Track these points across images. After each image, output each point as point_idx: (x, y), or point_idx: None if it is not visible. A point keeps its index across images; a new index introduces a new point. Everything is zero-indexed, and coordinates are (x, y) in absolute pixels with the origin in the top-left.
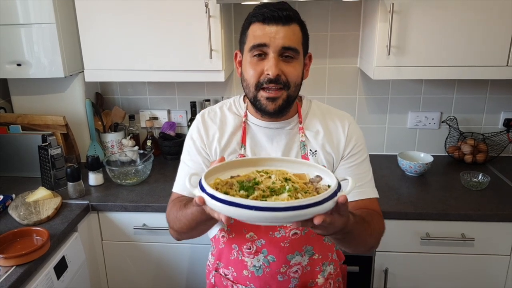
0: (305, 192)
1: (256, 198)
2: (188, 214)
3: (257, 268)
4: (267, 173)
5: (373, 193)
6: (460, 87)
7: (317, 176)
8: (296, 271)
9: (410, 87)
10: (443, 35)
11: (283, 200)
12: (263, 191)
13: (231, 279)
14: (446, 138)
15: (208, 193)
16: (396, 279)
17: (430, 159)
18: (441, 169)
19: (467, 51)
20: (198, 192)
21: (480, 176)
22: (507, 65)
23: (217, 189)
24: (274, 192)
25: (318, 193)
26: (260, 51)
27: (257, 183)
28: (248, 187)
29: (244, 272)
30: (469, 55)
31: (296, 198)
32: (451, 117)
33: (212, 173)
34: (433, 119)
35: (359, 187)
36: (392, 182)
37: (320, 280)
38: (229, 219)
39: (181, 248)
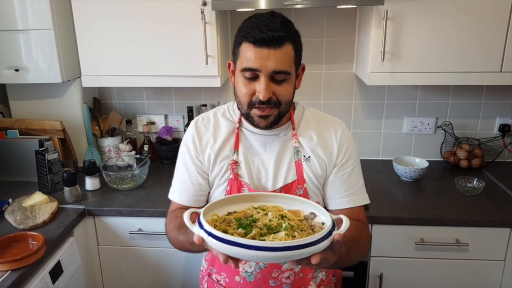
0: (301, 230)
1: (254, 237)
2: (180, 241)
3: (249, 274)
4: (263, 209)
5: (364, 200)
6: (455, 92)
7: (311, 213)
8: (288, 276)
9: (405, 92)
10: (437, 41)
11: (280, 239)
12: (261, 229)
13: (224, 284)
14: (442, 143)
15: (208, 231)
16: (390, 284)
17: (426, 164)
18: (436, 174)
19: (461, 57)
20: (197, 230)
21: (475, 181)
22: (500, 71)
23: (215, 226)
24: (271, 230)
25: (313, 230)
26: (252, 74)
27: (254, 221)
28: (246, 224)
29: (236, 278)
30: (463, 61)
31: (293, 236)
32: (447, 123)
33: (209, 209)
34: (428, 124)
35: (350, 195)
36: (387, 187)
37: (312, 286)
38: (227, 258)
39: (176, 253)
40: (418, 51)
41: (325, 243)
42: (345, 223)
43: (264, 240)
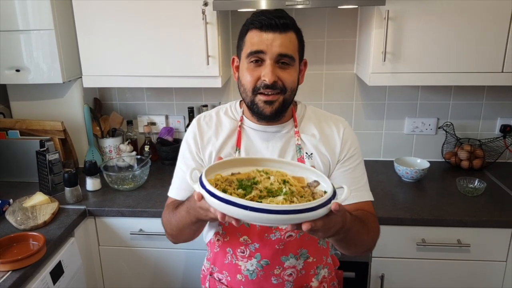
0: (301, 196)
1: (252, 198)
2: (177, 216)
3: (251, 272)
4: (267, 173)
5: (369, 196)
6: (456, 93)
7: (315, 181)
8: (291, 274)
9: (406, 93)
10: (438, 42)
11: (277, 203)
12: (261, 191)
13: (225, 283)
14: (443, 144)
15: (207, 189)
16: (392, 285)
17: (427, 165)
18: (437, 175)
19: (463, 58)
20: (197, 188)
21: (476, 182)
22: (502, 72)
23: (216, 185)
24: (271, 193)
25: (314, 198)
26: (257, 57)
27: (256, 183)
28: (246, 186)
29: (238, 276)
30: (464, 62)
31: (291, 201)
32: (448, 123)
33: (213, 169)
34: (429, 125)
35: (355, 191)
36: (388, 188)
37: (314, 283)
38: (224, 216)
39: (177, 253)
40: (419, 51)
41: (323, 210)
42: (346, 193)
43: (261, 202)
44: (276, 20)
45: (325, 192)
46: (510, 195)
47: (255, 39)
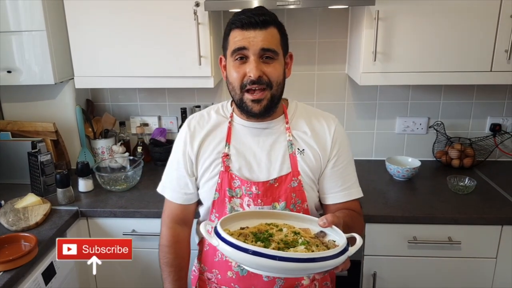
0: (316, 246)
1: (274, 249)
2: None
3: (242, 268)
4: (276, 226)
5: (358, 193)
6: (447, 92)
7: (321, 231)
8: None
9: (397, 93)
10: (428, 41)
11: (302, 252)
12: (278, 243)
13: (216, 282)
14: (434, 143)
15: (233, 243)
16: (384, 283)
17: (418, 163)
18: (428, 173)
19: (452, 57)
20: (215, 241)
21: (466, 180)
22: (490, 71)
23: None
24: (287, 244)
25: (327, 247)
26: (241, 54)
27: (271, 235)
28: (264, 238)
29: (229, 273)
30: (453, 61)
31: (312, 251)
32: (438, 122)
33: (222, 225)
34: (420, 124)
35: (346, 189)
36: (380, 187)
37: (305, 281)
38: None
39: None
40: (409, 51)
41: (344, 257)
42: (358, 241)
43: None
44: (256, 18)
45: (334, 241)
46: (500, 192)
47: (238, 37)
